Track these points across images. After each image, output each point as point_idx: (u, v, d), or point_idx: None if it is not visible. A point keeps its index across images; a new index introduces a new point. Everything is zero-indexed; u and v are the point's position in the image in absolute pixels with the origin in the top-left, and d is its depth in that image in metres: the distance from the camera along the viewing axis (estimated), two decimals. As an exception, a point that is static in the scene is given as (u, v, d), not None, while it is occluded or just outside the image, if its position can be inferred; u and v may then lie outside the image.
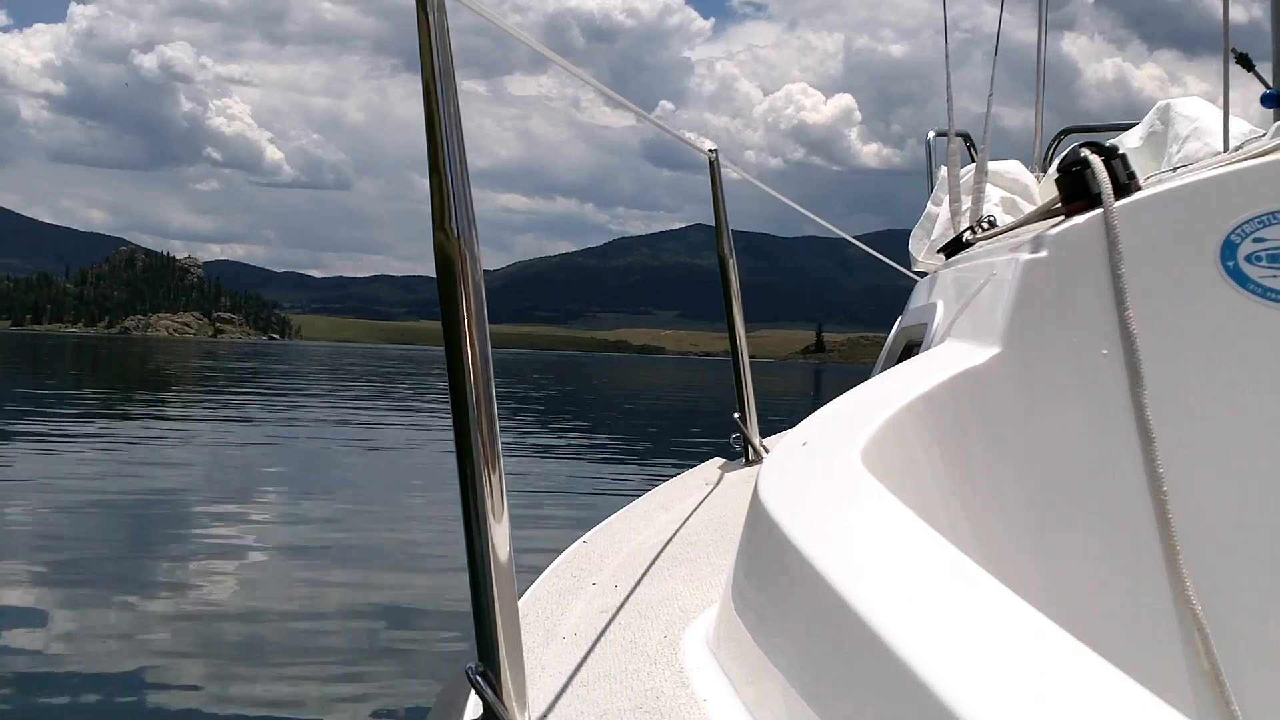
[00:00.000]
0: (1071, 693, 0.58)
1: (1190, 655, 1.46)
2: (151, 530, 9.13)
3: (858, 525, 0.91)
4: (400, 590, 7.37)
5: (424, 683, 5.39)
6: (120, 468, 12.74)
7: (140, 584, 7.18)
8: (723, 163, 2.70)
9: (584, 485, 13.43)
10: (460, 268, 1.00)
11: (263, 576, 7.65)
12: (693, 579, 1.51)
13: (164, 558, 8.05)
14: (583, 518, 8.83)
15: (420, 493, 12.07)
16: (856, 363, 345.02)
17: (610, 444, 20.24)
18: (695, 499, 2.25)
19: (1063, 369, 1.57)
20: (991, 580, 0.73)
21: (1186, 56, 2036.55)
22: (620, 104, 2.13)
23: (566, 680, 1.14)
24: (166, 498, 10.88)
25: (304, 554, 8.42)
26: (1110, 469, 1.54)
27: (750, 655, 0.96)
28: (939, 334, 2.08)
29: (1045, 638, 0.64)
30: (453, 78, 1.01)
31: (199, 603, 6.78)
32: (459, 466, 1.01)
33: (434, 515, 10.29)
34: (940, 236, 3.40)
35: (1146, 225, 1.58)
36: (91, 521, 9.36)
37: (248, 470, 13.58)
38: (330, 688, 5.33)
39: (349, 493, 11.93)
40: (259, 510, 10.53)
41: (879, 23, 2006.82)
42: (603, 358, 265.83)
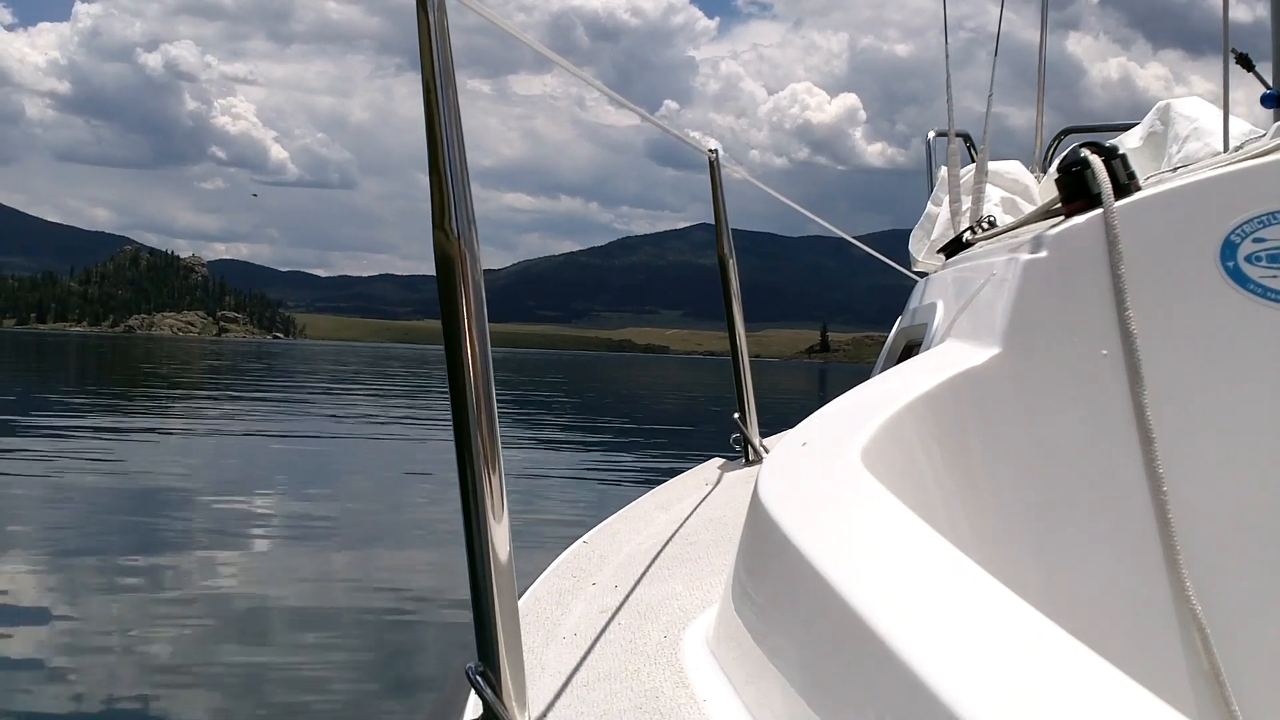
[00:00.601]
0: (1071, 693, 0.58)
1: (1190, 655, 1.46)
2: (151, 527, 9.12)
3: (858, 525, 0.91)
4: (400, 590, 7.37)
5: (424, 683, 5.39)
6: (115, 464, 12.75)
7: (140, 581, 7.17)
8: (724, 163, 2.70)
9: (584, 485, 13.44)
10: (460, 267, 1.00)
11: (262, 576, 7.65)
12: (693, 579, 1.51)
13: (164, 555, 8.04)
14: (583, 517, 8.83)
15: (420, 493, 12.07)
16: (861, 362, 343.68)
17: (611, 442, 20.26)
18: (695, 499, 2.25)
19: (1063, 369, 1.57)
20: (991, 580, 0.73)
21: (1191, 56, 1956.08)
22: (621, 104, 2.13)
23: (566, 680, 1.14)
24: (165, 495, 10.88)
25: (304, 553, 8.43)
26: (1110, 469, 1.53)
27: (750, 655, 0.96)
28: (939, 334, 2.08)
29: (1045, 638, 0.64)
30: (453, 77, 1.01)
31: (199, 602, 6.77)
32: (459, 466, 1.01)
33: (434, 515, 10.29)
34: (940, 237, 3.40)
35: (1146, 225, 1.57)
36: (89, 516, 9.36)
37: (248, 469, 13.58)
38: (330, 687, 5.33)
39: (348, 492, 11.94)
40: (257, 509, 10.53)
41: (884, 22, 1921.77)
42: (607, 357, 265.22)
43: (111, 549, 8.15)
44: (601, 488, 13.10)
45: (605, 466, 15.75)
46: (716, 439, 3.03)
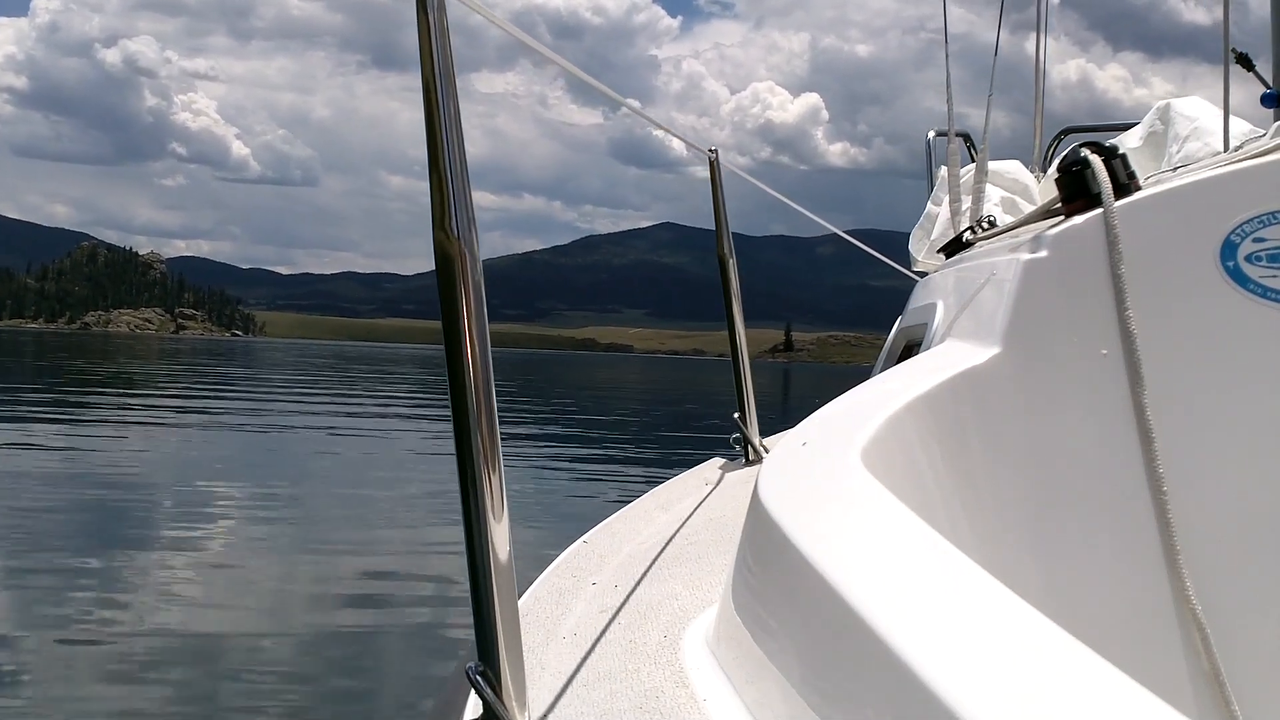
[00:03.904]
0: (1071, 693, 0.58)
1: (1190, 655, 1.46)
2: (150, 525, 9.13)
3: (858, 525, 0.91)
4: (400, 590, 7.37)
5: (424, 683, 5.39)
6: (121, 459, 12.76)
7: (140, 579, 7.18)
8: (722, 164, 2.71)
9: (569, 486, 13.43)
10: (460, 267, 1.00)
11: (262, 575, 7.65)
12: (693, 579, 1.51)
13: (164, 553, 8.04)
14: (583, 515, 8.82)
15: (422, 491, 12.06)
16: (825, 362, 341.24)
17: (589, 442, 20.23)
18: (695, 499, 2.25)
19: (1063, 369, 1.57)
20: (991, 580, 0.73)
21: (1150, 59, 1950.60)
22: (622, 105, 2.13)
23: (566, 680, 1.14)
24: (157, 490, 10.89)
25: (304, 552, 8.41)
26: (1110, 469, 1.53)
27: (750, 655, 0.96)
28: (939, 334, 2.08)
29: (1045, 638, 0.64)
30: (453, 78, 1.01)
31: (199, 601, 6.78)
32: (459, 466, 1.00)
33: (435, 514, 10.29)
34: (940, 236, 3.40)
35: (1146, 225, 1.57)
36: (79, 518, 9.37)
37: (245, 468, 13.58)
38: (330, 687, 5.33)
39: (348, 490, 11.93)
40: (254, 508, 10.52)
41: (845, 22, 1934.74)
42: (571, 356, 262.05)
43: (111, 542, 8.15)
44: (573, 489, 13.10)
45: (575, 469, 15.67)
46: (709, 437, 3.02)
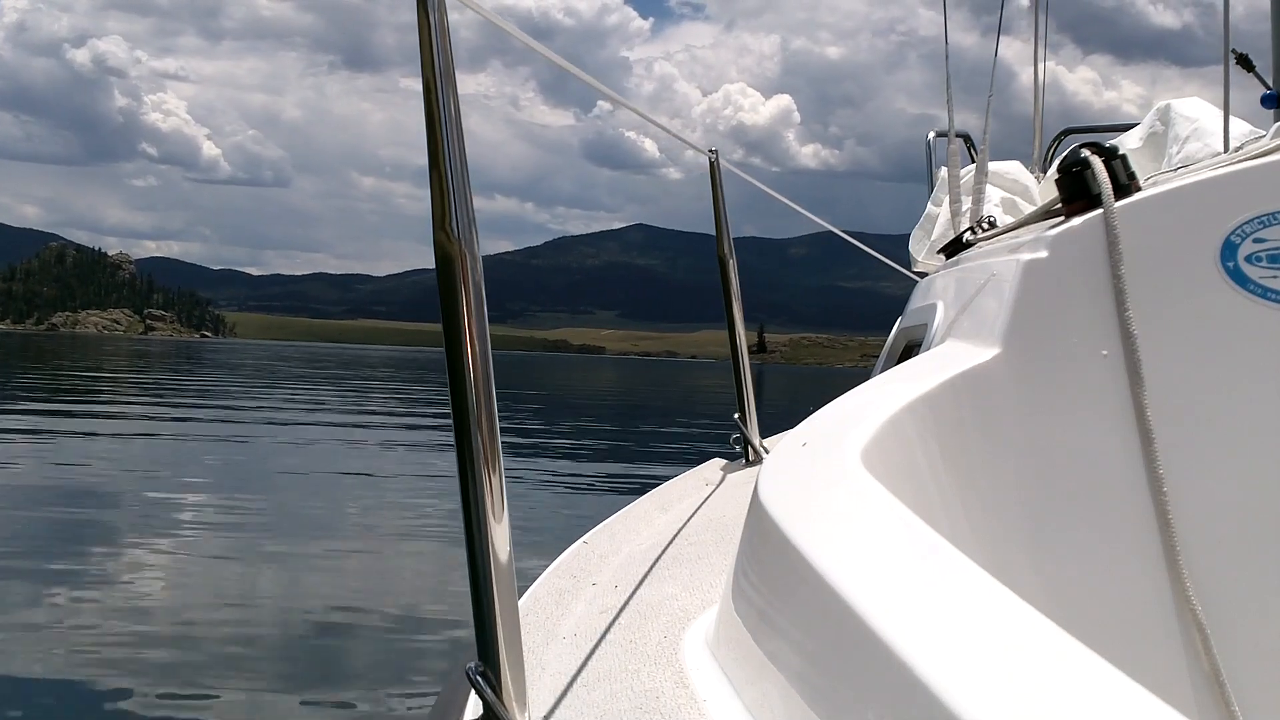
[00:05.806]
0: (1071, 693, 0.58)
1: (1190, 655, 1.46)
2: (149, 525, 9.13)
3: (858, 525, 0.91)
4: (400, 589, 7.37)
5: (424, 683, 5.39)
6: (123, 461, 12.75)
7: (136, 580, 7.18)
8: (722, 165, 2.72)
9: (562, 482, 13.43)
10: (460, 267, 0.99)
11: (262, 575, 7.65)
12: (693, 579, 1.51)
13: (163, 553, 8.04)
14: (583, 514, 8.83)
15: (422, 491, 12.06)
16: (799, 363, 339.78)
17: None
18: (695, 499, 2.25)
19: (1063, 369, 1.57)
20: (991, 580, 0.73)
21: (1120, 61, 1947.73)
22: (624, 106, 2.13)
23: (567, 680, 1.14)
24: (150, 491, 10.89)
25: (303, 552, 8.41)
26: (1110, 469, 1.53)
27: (750, 656, 0.95)
28: (939, 334, 2.08)
29: (1045, 638, 0.64)
30: (453, 78, 1.01)
31: (199, 601, 6.77)
32: (459, 467, 1.00)
33: (435, 514, 10.29)
34: (940, 237, 3.41)
35: (1146, 226, 1.57)
36: (75, 519, 9.37)
37: (245, 468, 13.58)
38: (330, 687, 5.33)
39: (346, 489, 11.93)
40: (252, 508, 10.52)
41: (816, 24, 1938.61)
42: (544, 358, 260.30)
43: (108, 544, 8.15)
44: (556, 490, 13.10)
45: (558, 471, 15.70)
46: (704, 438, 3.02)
